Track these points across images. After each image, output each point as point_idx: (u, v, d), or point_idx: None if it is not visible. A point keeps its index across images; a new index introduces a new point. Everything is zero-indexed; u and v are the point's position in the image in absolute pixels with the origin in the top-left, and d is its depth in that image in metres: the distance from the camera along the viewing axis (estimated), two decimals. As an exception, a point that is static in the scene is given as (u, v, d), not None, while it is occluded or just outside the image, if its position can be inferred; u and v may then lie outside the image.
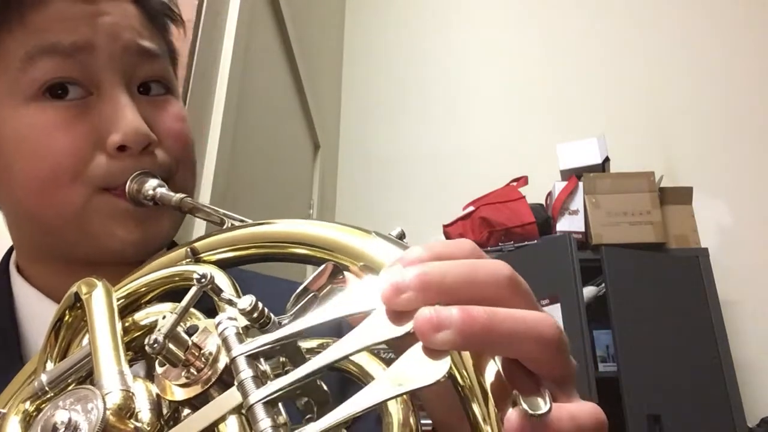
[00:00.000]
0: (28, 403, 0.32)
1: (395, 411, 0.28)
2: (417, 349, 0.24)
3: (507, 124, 2.78)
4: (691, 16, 2.81)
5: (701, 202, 2.33)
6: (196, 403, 0.28)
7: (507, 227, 2.22)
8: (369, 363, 0.31)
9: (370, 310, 0.26)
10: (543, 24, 2.94)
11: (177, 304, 0.32)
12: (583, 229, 2.21)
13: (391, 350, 0.27)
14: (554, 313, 2.01)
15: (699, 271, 2.13)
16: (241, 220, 0.40)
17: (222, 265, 0.36)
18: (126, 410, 0.27)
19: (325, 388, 0.29)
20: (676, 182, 2.41)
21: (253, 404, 0.25)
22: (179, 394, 0.28)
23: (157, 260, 0.38)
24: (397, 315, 0.25)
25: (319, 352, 0.29)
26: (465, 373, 0.25)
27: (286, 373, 0.26)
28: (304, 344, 0.32)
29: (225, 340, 0.27)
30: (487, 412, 0.24)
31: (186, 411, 0.29)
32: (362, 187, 2.73)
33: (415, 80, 2.96)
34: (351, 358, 0.28)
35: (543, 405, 0.23)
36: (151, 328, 0.34)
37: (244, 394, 0.25)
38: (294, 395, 0.26)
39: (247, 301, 0.28)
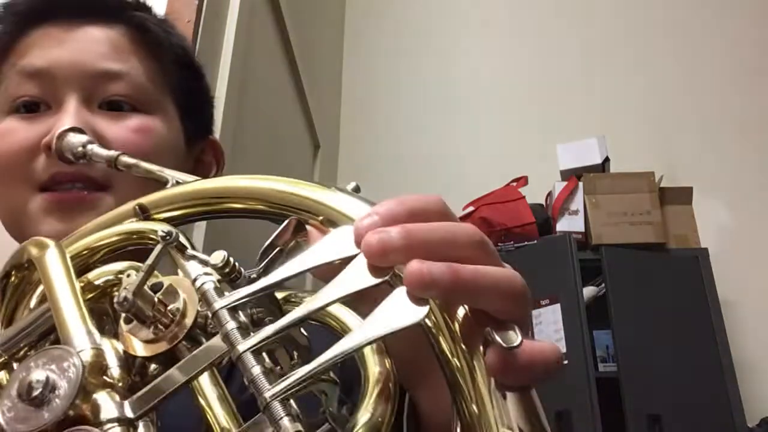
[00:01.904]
0: None
1: (373, 363, 0.29)
2: (394, 296, 0.25)
3: (507, 124, 2.78)
4: (691, 16, 2.81)
5: (701, 202, 2.33)
6: (162, 359, 0.28)
7: (507, 227, 2.22)
8: (348, 315, 0.31)
9: (346, 257, 0.27)
10: (543, 24, 2.94)
11: (132, 262, 0.34)
12: (583, 229, 2.20)
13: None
14: (554, 313, 2.01)
15: (699, 271, 2.12)
16: (191, 180, 0.39)
17: (173, 222, 0.35)
18: (98, 367, 0.27)
19: (306, 336, 0.29)
20: (676, 182, 2.41)
21: (242, 353, 0.25)
22: (146, 350, 0.28)
23: (104, 218, 0.38)
24: (376, 267, 0.26)
25: (294, 302, 0.30)
26: (433, 315, 0.26)
27: (265, 324, 0.27)
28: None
29: (204, 294, 0.28)
30: (455, 348, 0.25)
31: (152, 366, 0.29)
32: (362, 187, 2.71)
33: (415, 80, 2.96)
34: (331, 311, 0.30)
35: (515, 338, 0.25)
36: (105, 287, 0.34)
37: (231, 344, 0.26)
38: (278, 344, 0.27)
39: (219, 256, 0.29)
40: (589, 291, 2.12)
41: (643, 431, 1.85)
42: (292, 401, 0.24)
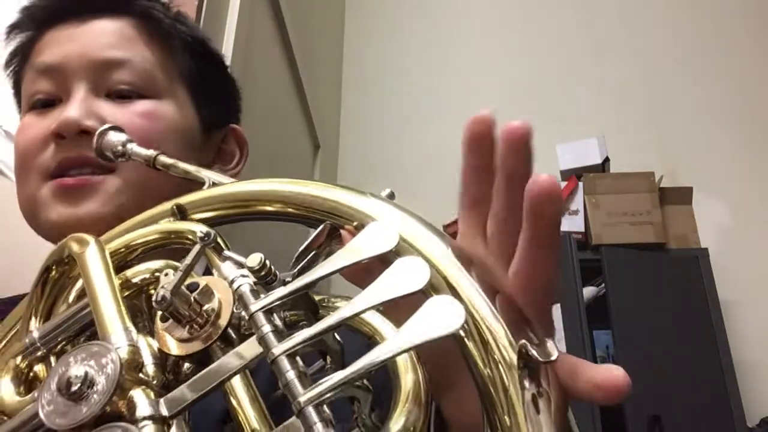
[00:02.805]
0: (18, 358, 0.32)
1: (405, 371, 0.29)
2: (430, 305, 0.25)
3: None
4: (692, 16, 2.81)
5: (701, 202, 2.33)
6: (196, 358, 0.29)
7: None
8: (381, 323, 0.32)
9: (377, 255, 0.27)
10: (543, 24, 2.94)
11: (168, 261, 0.34)
12: (583, 229, 2.20)
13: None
14: (554, 314, 2.00)
15: (699, 271, 2.12)
16: (227, 182, 0.40)
17: (208, 222, 0.36)
18: (134, 364, 0.28)
19: (339, 341, 0.29)
20: (676, 182, 2.41)
21: (277, 356, 0.25)
22: (181, 349, 0.29)
23: (141, 216, 0.39)
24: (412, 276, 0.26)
25: (327, 307, 0.30)
26: (466, 324, 0.27)
27: (300, 327, 0.27)
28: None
29: (241, 296, 0.28)
30: (487, 357, 0.26)
31: (186, 365, 0.29)
32: (362, 188, 2.70)
33: (416, 80, 2.96)
34: (364, 318, 0.30)
35: (553, 351, 0.25)
36: (142, 285, 0.34)
37: (267, 347, 0.26)
38: (312, 348, 0.27)
39: (256, 259, 0.29)
40: (589, 291, 2.12)
41: (643, 431, 1.85)
42: (325, 407, 0.24)
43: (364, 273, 0.28)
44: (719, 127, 2.61)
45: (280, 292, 0.27)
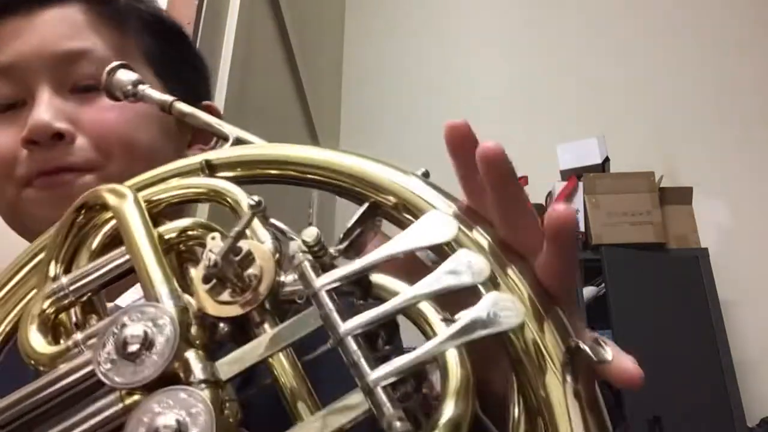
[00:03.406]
0: (46, 303, 0.32)
1: (454, 361, 0.29)
2: (489, 298, 0.25)
3: (507, 124, 2.78)
4: (691, 16, 2.81)
5: (701, 202, 2.33)
6: (234, 321, 0.29)
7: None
8: (433, 313, 0.31)
9: (436, 244, 0.28)
10: (543, 25, 2.94)
11: (197, 219, 0.34)
12: (583, 230, 2.20)
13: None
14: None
15: (699, 271, 2.12)
16: (252, 140, 0.39)
17: (239, 181, 0.35)
18: (185, 323, 0.28)
19: (397, 323, 0.30)
20: (676, 182, 2.41)
21: (344, 337, 0.25)
22: (220, 311, 0.29)
23: (168, 168, 0.38)
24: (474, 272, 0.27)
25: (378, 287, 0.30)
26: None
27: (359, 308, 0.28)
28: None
29: (303, 275, 0.28)
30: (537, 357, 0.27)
31: (221, 326, 0.29)
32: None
33: (415, 81, 2.96)
34: (421, 313, 0.30)
35: (605, 352, 0.26)
36: (172, 244, 0.34)
37: (332, 327, 0.26)
38: (375, 329, 0.27)
39: (313, 233, 0.29)
40: (589, 291, 2.12)
41: (644, 431, 1.85)
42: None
43: (405, 266, 0.29)
44: (719, 127, 2.61)
45: (343, 271, 0.27)
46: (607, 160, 2.33)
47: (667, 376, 1.93)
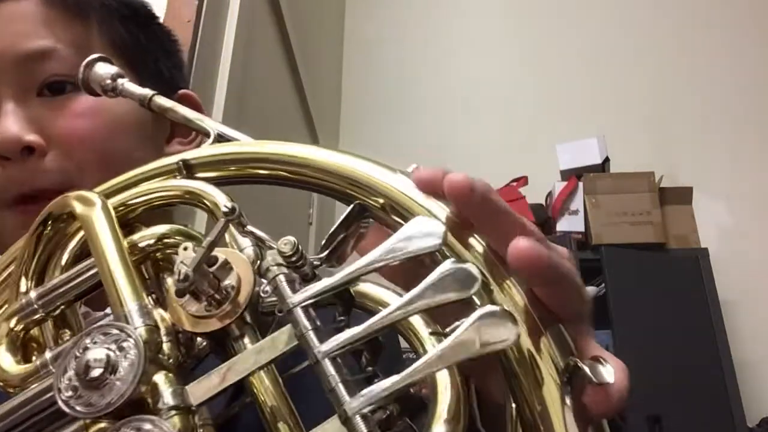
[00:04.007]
0: (13, 321, 0.30)
1: (444, 387, 0.27)
2: (480, 314, 0.24)
3: (507, 124, 2.78)
4: (691, 15, 2.81)
5: (701, 202, 2.33)
6: (212, 335, 0.27)
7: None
8: (423, 328, 0.29)
9: (420, 253, 0.26)
10: (543, 24, 2.94)
11: (175, 226, 0.32)
12: (583, 230, 2.20)
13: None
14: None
15: (699, 271, 2.12)
16: (234, 137, 0.37)
17: (219, 182, 0.33)
18: (153, 345, 0.26)
19: (381, 340, 0.28)
20: (676, 182, 2.40)
21: (320, 359, 0.24)
22: (197, 326, 0.27)
23: (141, 170, 0.35)
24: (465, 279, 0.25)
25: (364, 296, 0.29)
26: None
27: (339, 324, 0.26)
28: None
29: (277, 289, 0.26)
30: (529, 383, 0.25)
31: (198, 340, 0.28)
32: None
33: (415, 81, 2.96)
34: (411, 321, 0.28)
35: (606, 374, 0.24)
36: (148, 252, 0.32)
37: (309, 347, 0.24)
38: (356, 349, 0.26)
39: (289, 243, 0.27)
40: (589, 291, 2.11)
41: (643, 431, 1.85)
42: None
43: (401, 271, 0.27)
44: (719, 127, 2.61)
45: (320, 286, 0.26)
46: (607, 160, 2.33)
47: (667, 376, 1.93)
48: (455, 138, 2.80)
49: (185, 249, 0.28)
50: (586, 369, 0.23)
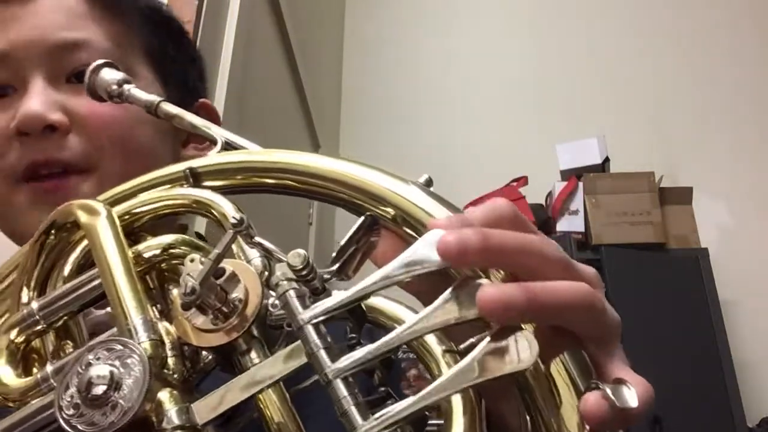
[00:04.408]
0: (14, 333, 0.30)
1: (458, 405, 0.26)
2: (498, 334, 0.23)
3: (507, 124, 2.78)
4: (691, 16, 2.81)
5: (701, 202, 2.33)
6: (219, 349, 0.26)
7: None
8: (437, 346, 0.28)
9: (434, 269, 0.25)
10: (543, 24, 2.94)
11: (181, 236, 0.31)
12: (583, 230, 2.20)
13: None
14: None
15: (699, 271, 2.12)
16: (240, 144, 0.36)
17: (227, 191, 0.33)
18: (158, 360, 0.25)
19: (394, 359, 0.27)
20: (676, 182, 2.41)
21: (333, 380, 0.23)
22: (203, 340, 0.26)
23: (149, 177, 0.34)
24: (470, 293, 0.24)
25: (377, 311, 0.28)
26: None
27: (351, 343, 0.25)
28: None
29: (287, 305, 0.25)
30: (543, 402, 0.24)
31: (204, 353, 0.27)
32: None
33: (415, 81, 2.96)
34: (425, 340, 0.27)
35: (631, 398, 0.23)
36: (153, 262, 0.31)
37: (320, 367, 0.24)
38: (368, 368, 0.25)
39: (299, 257, 0.26)
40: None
41: None
42: None
43: (420, 285, 0.26)
44: (719, 127, 2.61)
45: (331, 302, 0.25)
46: (607, 160, 2.33)
47: (667, 376, 1.93)
48: (455, 138, 2.80)
49: (192, 261, 0.27)
50: (609, 392, 0.23)
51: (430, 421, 0.26)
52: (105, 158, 0.53)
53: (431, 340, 0.27)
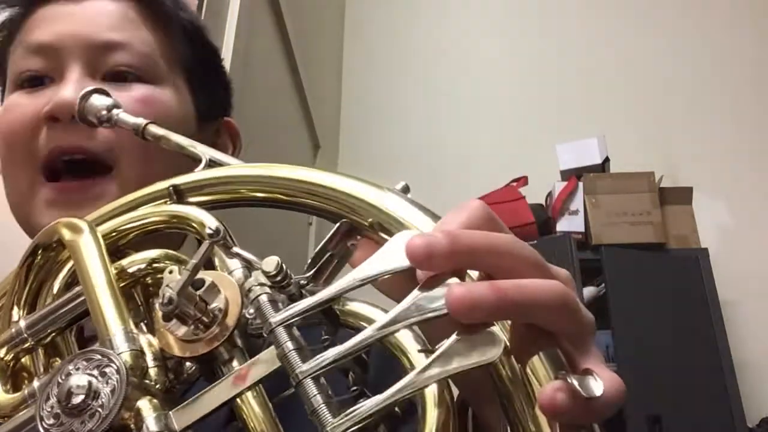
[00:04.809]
0: (3, 350, 0.30)
1: (432, 400, 0.26)
2: (466, 330, 0.24)
3: (507, 124, 2.78)
4: (690, 16, 2.81)
5: (701, 202, 2.33)
6: (200, 359, 0.27)
7: (507, 227, 2.21)
8: (412, 342, 0.28)
9: (404, 269, 0.25)
10: (543, 24, 2.94)
11: (165, 251, 0.32)
12: (583, 230, 2.20)
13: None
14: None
15: (699, 271, 2.12)
16: (225, 161, 0.37)
17: (210, 207, 0.33)
18: (138, 370, 0.26)
19: (365, 358, 0.27)
20: (676, 182, 2.41)
21: (303, 379, 0.24)
22: (185, 350, 0.27)
23: (133, 196, 0.36)
24: (436, 290, 0.24)
25: (348, 314, 0.28)
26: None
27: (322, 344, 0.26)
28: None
29: (259, 309, 0.26)
30: (515, 391, 0.25)
31: (188, 364, 0.28)
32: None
33: (415, 80, 2.96)
34: (397, 336, 0.28)
35: (596, 387, 0.23)
36: (138, 276, 0.32)
37: (291, 368, 0.24)
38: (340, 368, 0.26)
39: (272, 263, 0.27)
40: (589, 291, 2.12)
41: (643, 431, 1.85)
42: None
43: (395, 284, 0.27)
44: (719, 127, 2.61)
45: (303, 305, 0.25)
46: (607, 160, 2.33)
47: (667, 376, 1.93)
48: (455, 138, 2.80)
49: (171, 272, 0.28)
50: (575, 383, 0.23)
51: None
52: (125, 153, 0.54)
53: (406, 338, 0.27)
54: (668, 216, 2.23)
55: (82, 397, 0.24)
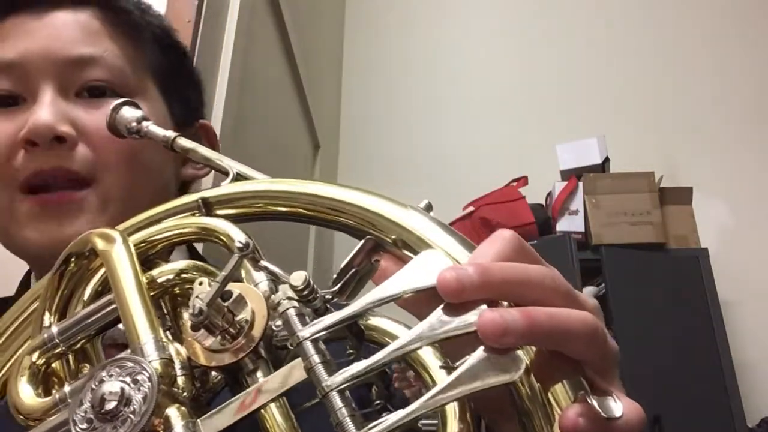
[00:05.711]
0: (35, 355, 0.31)
1: (453, 417, 0.27)
2: (486, 348, 0.24)
3: (507, 124, 2.78)
4: (690, 16, 2.81)
5: (701, 202, 2.33)
6: (226, 369, 0.28)
7: (507, 227, 2.21)
8: (433, 360, 0.29)
9: (430, 286, 0.26)
10: (543, 24, 2.94)
11: (193, 261, 0.33)
12: (583, 230, 2.20)
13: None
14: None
15: (699, 271, 2.12)
16: (252, 175, 0.38)
17: (237, 219, 0.35)
18: (167, 378, 0.27)
19: (389, 372, 0.28)
20: (676, 182, 2.41)
21: (329, 392, 0.24)
22: (211, 360, 0.28)
23: (162, 208, 0.37)
24: (460, 309, 0.25)
25: (373, 330, 0.29)
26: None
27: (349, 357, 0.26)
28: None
29: (287, 323, 0.27)
30: (534, 408, 0.25)
31: (213, 374, 0.29)
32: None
33: (415, 81, 2.96)
34: (419, 353, 0.28)
35: (615, 408, 0.24)
36: (167, 287, 0.33)
37: (317, 381, 0.25)
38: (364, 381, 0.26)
39: (300, 278, 0.28)
40: (589, 291, 2.12)
41: (644, 431, 1.84)
42: None
43: (418, 301, 0.27)
44: (719, 127, 2.61)
45: (330, 319, 0.26)
46: (607, 160, 2.33)
47: (667, 376, 1.93)
48: (456, 137, 2.80)
49: (200, 284, 0.29)
50: (595, 403, 0.24)
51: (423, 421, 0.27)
52: (108, 172, 0.53)
53: (428, 357, 0.28)
54: (668, 216, 2.23)
55: (114, 403, 0.25)
